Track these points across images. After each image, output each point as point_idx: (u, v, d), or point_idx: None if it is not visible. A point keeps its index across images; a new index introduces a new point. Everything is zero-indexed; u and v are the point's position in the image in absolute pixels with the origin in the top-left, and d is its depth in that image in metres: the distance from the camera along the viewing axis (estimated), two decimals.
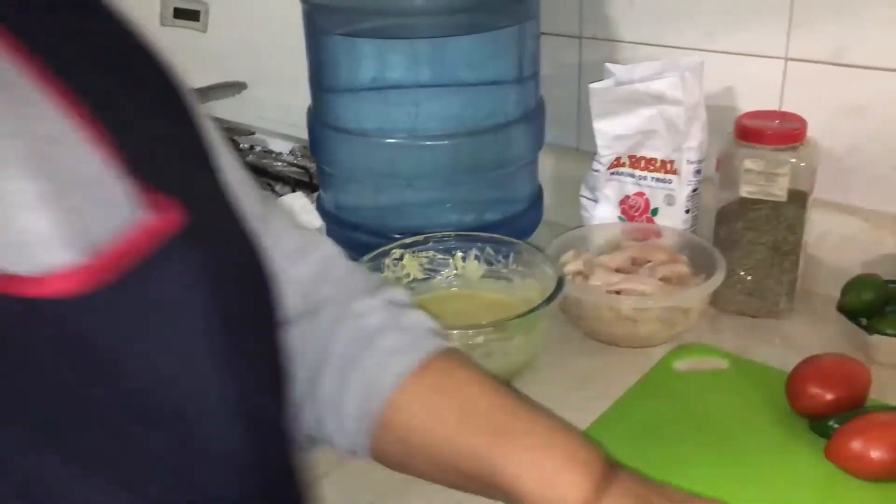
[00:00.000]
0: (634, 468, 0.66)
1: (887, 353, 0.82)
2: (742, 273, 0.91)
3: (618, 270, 0.90)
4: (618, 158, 0.99)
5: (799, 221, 0.88)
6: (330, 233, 0.98)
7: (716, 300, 0.94)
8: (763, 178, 0.86)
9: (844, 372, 0.76)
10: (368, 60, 0.95)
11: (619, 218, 1.01)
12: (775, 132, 0.87)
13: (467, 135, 0.94)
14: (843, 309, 0.86)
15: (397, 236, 0.92)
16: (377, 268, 0.87)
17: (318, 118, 1.00)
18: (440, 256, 0.91)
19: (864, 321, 0.84)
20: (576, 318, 0.89)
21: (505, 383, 0.55)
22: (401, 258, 0.90)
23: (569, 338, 0.91)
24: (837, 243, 0.94)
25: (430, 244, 0.91)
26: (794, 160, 0.86)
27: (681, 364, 0.85)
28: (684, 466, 0.69)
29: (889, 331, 0.82)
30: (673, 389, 0.82)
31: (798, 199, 0.87)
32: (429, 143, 0.94)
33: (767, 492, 0.67)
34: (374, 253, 0.87)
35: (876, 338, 0.82)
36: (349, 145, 0.96)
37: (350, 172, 1.00)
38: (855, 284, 0.86)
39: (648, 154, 0.97)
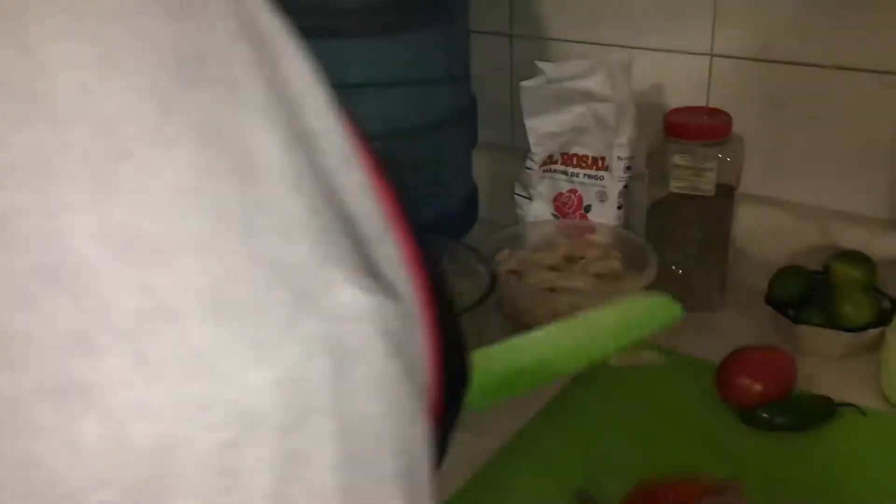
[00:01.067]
0: (572, 463, 0.66)
1: (813, 342, 0.84)
2: (673, 267, 0.93)
3: (552, 268, 0.91)
4: (550, 156, 0.99)
5: (727, 215, 0.90)
6: None
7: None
8: (691, 174, 0.87)
9: (771, 362, 0.77)
10: None
11: (553, 215, 1.01)
12: (702, 128, 0.88)
13: (398, 135, 0.93)
14: (770, 300, 0.87)
15: None
16: None
17: None
18: None
19: (791, 312, 0.86)
20: (510, 316, 0.89)
21: None
22: None
23: (505, 336, 0.90)
24: (765, 236, 0.96)
25: None
26: (720, 155, 0.87)
27: (616, 360, 0.86)
28: (618, 462, 0.70)
29: (815, 320, 0.84)
30: (608, 385, 0.82)
31: (726, 193, 0.89)
32: None
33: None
34: None
35: (802, 328, 0.84)
36: None
37: None
38: (781, 276, 0.88)
39: (580, 151, 0.98)
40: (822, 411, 0.74)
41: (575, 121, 0.96)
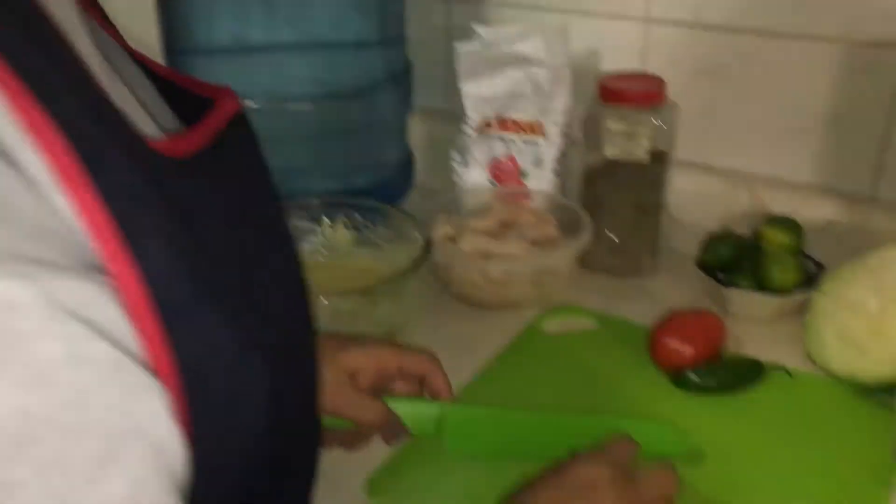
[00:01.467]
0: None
1: (742, 305, 0.85)
2: (608, 233, 0.93)
3: (487, 234, 0.90)
4: (486, 121, 0.98)
5: (660, 181, 0.90)
6: None
7: (584, 261, 0.95)
8: (625, 139, 0.87)
9: (701, 326, 0.78)
10: (225, 19, 0.90)
11: (490, 181, 1.01)
12: (636, 93, 0.88)
13: (332, 98, 0.91)
14: (701, 265, 0.88)
15: None
16: None
17: None
18: (307, 224, 0.88)
19: (721, 276, 0.87)
20: (446, 283, 0.88)
21: None
22: None
23: (440, 303, 0.90)
24: (697, 202, 0.96)
25: (295, 212, 0.88)
26: (654, 121, 0.87)
27: (550, 325, 0.86)
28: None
29: (744, 284, 0.85)
30: (542, 351, 0.82)
31: (659, 159, 0.89)
32: (290, 106, 0.90)
33: None
34: None
35: (732, 291, 0.85)
36: None
37: None
38: (712, 241, 0.89)
39: (516, 116, 0.97)
40: (750, 373, 0.76)
41: (511, 85, 0.95)
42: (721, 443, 0.69)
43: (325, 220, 0.88)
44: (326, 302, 0.72)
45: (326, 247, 0.89)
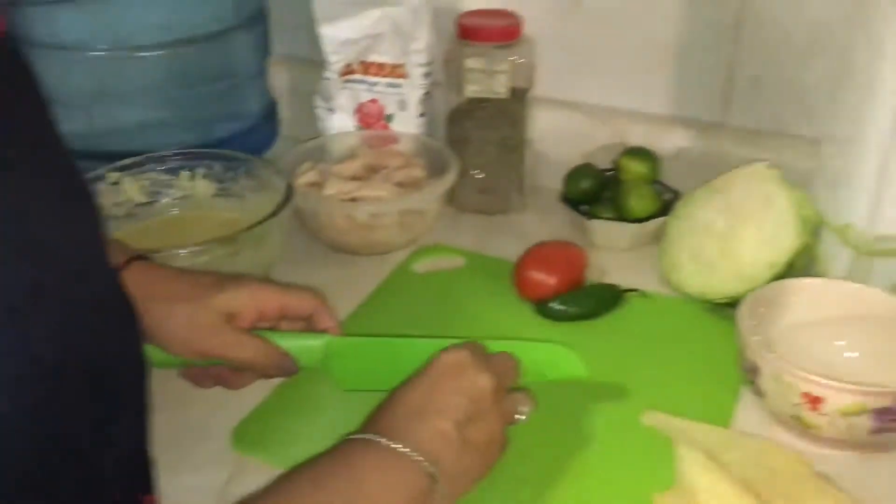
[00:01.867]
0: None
1: (603, 235, 0.88)
2: (474, 172, 0.93)
3: (354, 179, 0.89)
4: (348, 65, 0.96)
5: (522, 118, 0.91)
6: None
7: (453, 201, 0.96)
8: (485, 76, 0.88)
9: (564, 257, 0.80)
10: None
11: (357, 126, 0.99)
12: (493, 30, 0.88)
13: (182, 44, 0.87)
14: (564, 198, 0.90)
15: None
16: None
17: None
18: (164, 177, 0.85)
19: (584, 208, 0.89)
20: (314, 231, 0.87)
21: None
22: (118, 182, 0.83)
23: (309, 251, 0.89)
24: (559, 137, 0.98)
25: (151, 164, 0.84)
26: (512, 57, 0.88)
27: (420, 266, 0.87)
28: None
29: (605, 215, 0.88)
30: (412, 291, 0.83)
31: (519, 95, 0.90)
32: (139, 54, 0.86)
33: None
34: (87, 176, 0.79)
35: (594, 222, 0.87)
36: (46, 62, 0.86)
37: (51, 94, 0.89)
38: (573, 174, 0.91)
39: (378, 59, 0.95)
40: (610, 299, 0.78)
41: (371, 27, 0.93)
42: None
43: (184, 172, 0.85)
44: (184, 253, 0.70)
45: (186, 200, 0.86)
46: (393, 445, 0.48)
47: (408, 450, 0.48)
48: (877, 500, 0.58)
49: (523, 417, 0.57)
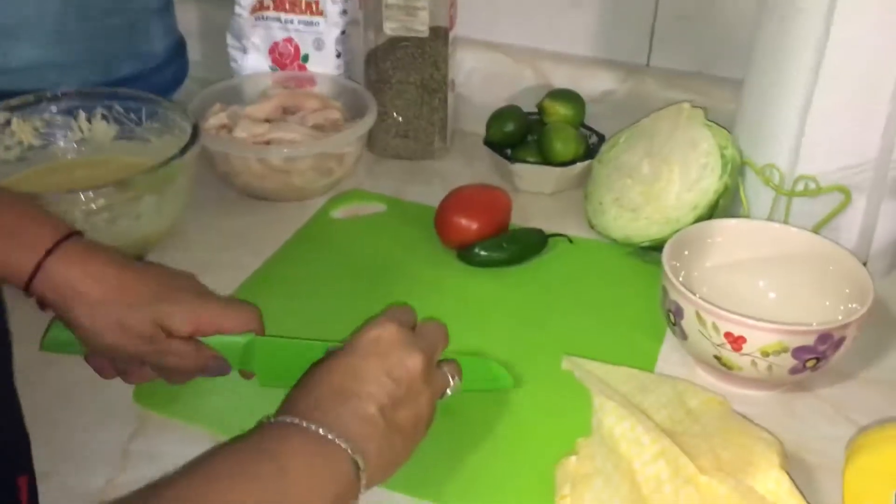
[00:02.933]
0: (294, 313, 0.63)
1: (528, 180, 0.86)
2: (395, 115, 0.90)
3: (267, 121, 0.85)
4: (261, 1, 0.91)
5: (443, 58, 0.87)
6: None
7: (373, 146, 0.92)
8: (403, 13, 0.84)
9: (486, 201, 0.78)
10: None
11: (271, 68, 0.94)
12: None
13: None
14: (488, 142, 0.88)
15: None
16: None
17: None
18: (59, 119, 0.79)
19: (508, 152, 0.87)
20: (226, 176, 0.83)
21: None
22: (8, 123, 0.76)
23: (222, 198, 0.84)
24: (483, 80, 0.95)
25: (45, 104, 0.78)
26: None
27: (338, 212, 0.83)
28: (340, 310, 0.67)
29: (529, 159, 0.85)
30: (330, 238, 0.79)
31: (440, 35, 0.86)
32: None
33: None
34: None
35: (518, 166, 0.85)
36: None
37: None
38: (497, 117, 0.88)
39: None
40: (534, 243, 0.77)
41: None
42: (507, 311, 0.70)
43: (82, 113, 0.79)
44: (83, 197, 0.65)
45: (84, 143, 0.80)
46: (315, 429, 0.45)
47: (332, 436, 0.45)
48: (794, 438, 0.58)
49: (450, 392, 0.55)
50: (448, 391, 0.54)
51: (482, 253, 0.74)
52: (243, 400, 0.60)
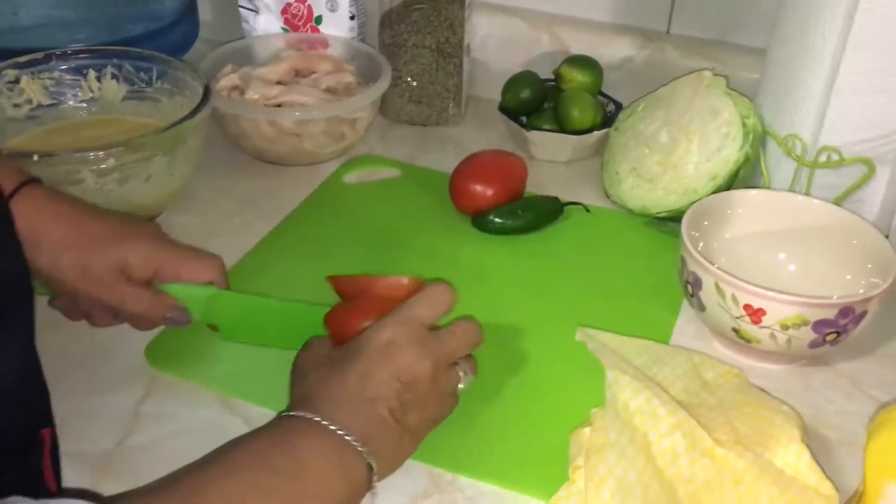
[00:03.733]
0: (307, 277, 0.62)
1: (544, 148, 0.84)
2: (409, 79, 0.88)
3: (279, 84, 0.83)
4: None
5: (459, 21, 0.86)
6: None
7: (386, 111, 0.91)
8: None
9: (501, 167, 0.76)
10: None
11: (283, 29, 0.93)
12: None
13: None
14: (503, 108, 0.86)
15: None
16: None
17: None
18: (69, 77, 0.78)
19: (523, 119, 0.86)
20: (237, 138, 0.81)
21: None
22: (17, 80, 0.75)
23: (233, 161, 0.83)
24: (499, 45, 0.93)
25: (54, 62, 0.77)
26: None
27: (351, 177, 0.82)
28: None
29: (545, 126, 0.84)
30: (342, 203, 0.78)
31: None
32: None
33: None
34: None
35: (534, 133, 0.83)
36: None
37: None
38: (513, 83, 0.86)
39: None
40: (550, 212, 0.75)
41: None
42: (521, 279, 0.69)
43: (91, 72, 0.78)
44: (92, 157, 0.64)
45: (94, 103, 0.79)
46: (333, 428, 0.46)
47: (350, 438, 0.46)
48: (812, 413, 0.58)
49: (463, 387, 0.54)
50: (460, 386, 0.54)
51: (497, 220, 0.73)
52: (255, 364, 0.59)
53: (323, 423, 0.46)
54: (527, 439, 0.55)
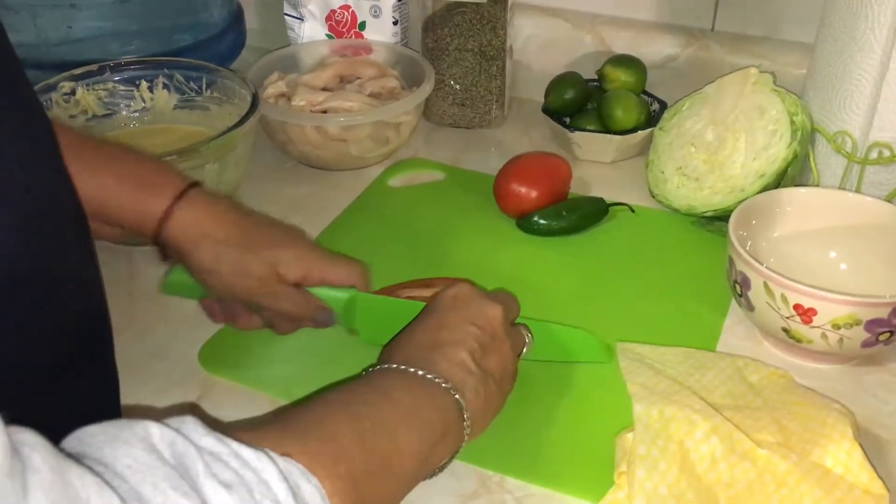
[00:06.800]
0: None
1: (587, 148, 0.84)
2: (452, 83, 0.89)
3: (324, 90, 0.84)
4: None
5: (501, 23, 0.86)
6: None
7: (429, 114, 0.91)
8: None
9: (546, 168, 0.77)
10: None
11: (328, 35, 0.94)
12: None
13: None
14: (547, 109, 0.86)
15: None
16: (45, 106, 0.74)
17: None
18: (122, 88, 0.80)
19: (567, 120, 0.86)
20: (283, 145, 0.83)
21: None
22: (73, 92, 0.77)
23: (280, 166, 0.85)
24: (542, 46, 0.93)
25: (108, 74, 0.79)
26: None
27: (396, 180, 0.83)
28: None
29: (589, 127, 0.84)
30: (388, 206, 0.79)
31: (498, 0, 0.85)
32: None
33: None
34: (37, 87, 0.74)
35: (578, 134, 0.83)
36: None
37: None
38: (556, 84, 0.86)
39: None
40: (595, 212, 0.75)
41: None
42: (566, 281, 0.69)
43: (143, 82, 0.80)
44: None
45: (146, 112, 0.81)
46: (414, 371, 0.48)
47: (432, 376, 0.48)
48: (864, 413, 0.57)
49: (526, 350, 0.56)
50: (524, 349, 0.56)
51: (541, 221, 0.74)
52: (307, 368, 0.60)
53: (407, 368, 0.48)
54: (575, 441, 0.55)
